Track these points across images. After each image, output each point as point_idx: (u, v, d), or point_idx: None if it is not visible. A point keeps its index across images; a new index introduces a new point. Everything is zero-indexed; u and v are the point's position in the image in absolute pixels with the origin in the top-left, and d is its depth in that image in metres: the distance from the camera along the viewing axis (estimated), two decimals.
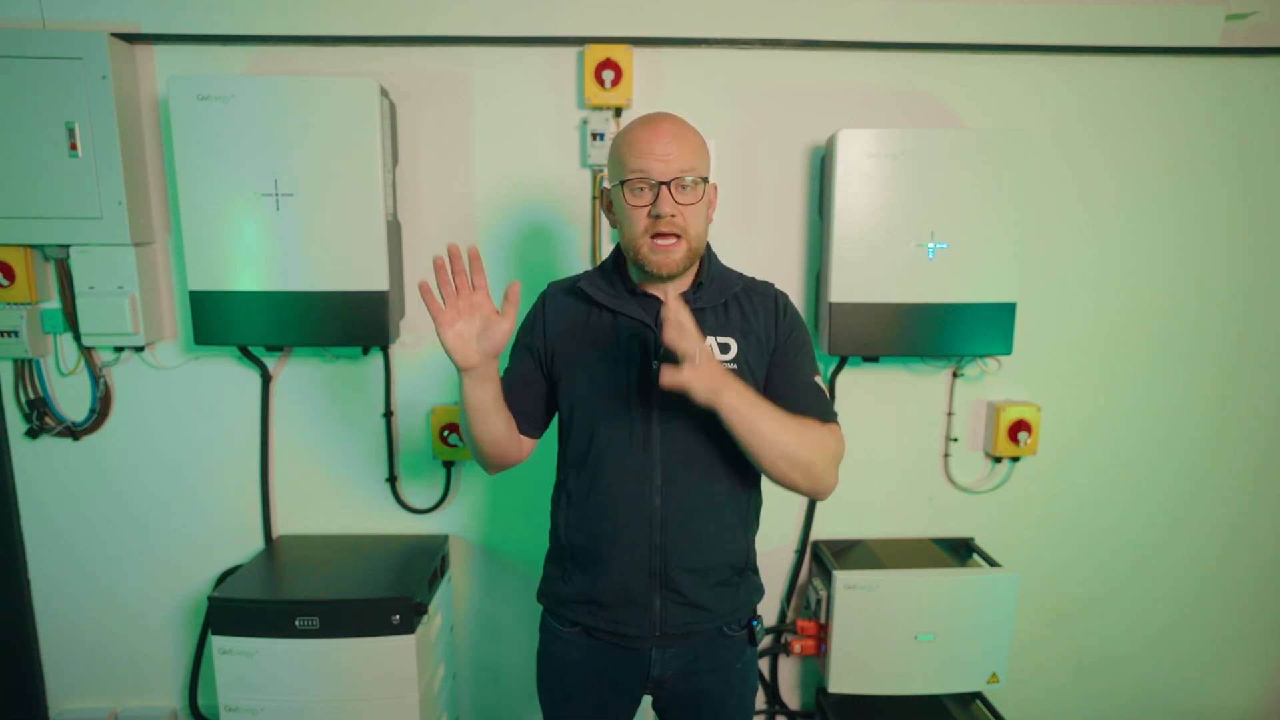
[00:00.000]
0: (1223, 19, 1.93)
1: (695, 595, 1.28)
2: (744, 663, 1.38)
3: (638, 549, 1.26)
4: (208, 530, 2.13)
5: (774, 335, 1.30)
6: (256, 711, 1.78)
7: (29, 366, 2.02)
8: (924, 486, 2.20)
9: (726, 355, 1.26)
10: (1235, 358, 2.18)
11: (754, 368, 1.27)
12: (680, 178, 1.18)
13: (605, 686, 1.36)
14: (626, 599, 1.28)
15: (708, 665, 1.34)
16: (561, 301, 1.34)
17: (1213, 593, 2.31)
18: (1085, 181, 2.06)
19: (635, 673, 1.33)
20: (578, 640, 1.35)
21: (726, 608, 1.32)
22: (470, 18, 1.88)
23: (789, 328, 1.31)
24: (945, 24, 1.92)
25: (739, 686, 1.39)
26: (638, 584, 1.27)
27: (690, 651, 1.33)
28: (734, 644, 1.36)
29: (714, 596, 1.30)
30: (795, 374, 1.29)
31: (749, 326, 1.28)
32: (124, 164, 1.84)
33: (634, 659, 1.32)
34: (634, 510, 1.26)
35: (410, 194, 2.00)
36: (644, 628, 1.28)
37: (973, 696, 2.14)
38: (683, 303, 1.12)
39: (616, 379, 1.26)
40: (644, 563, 1.27)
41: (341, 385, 2.08)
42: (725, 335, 1.27)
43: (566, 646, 1.36)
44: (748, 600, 1.36)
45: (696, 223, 1.22)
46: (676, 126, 1.21)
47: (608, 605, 1.30)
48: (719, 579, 1.31)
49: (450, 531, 2.18)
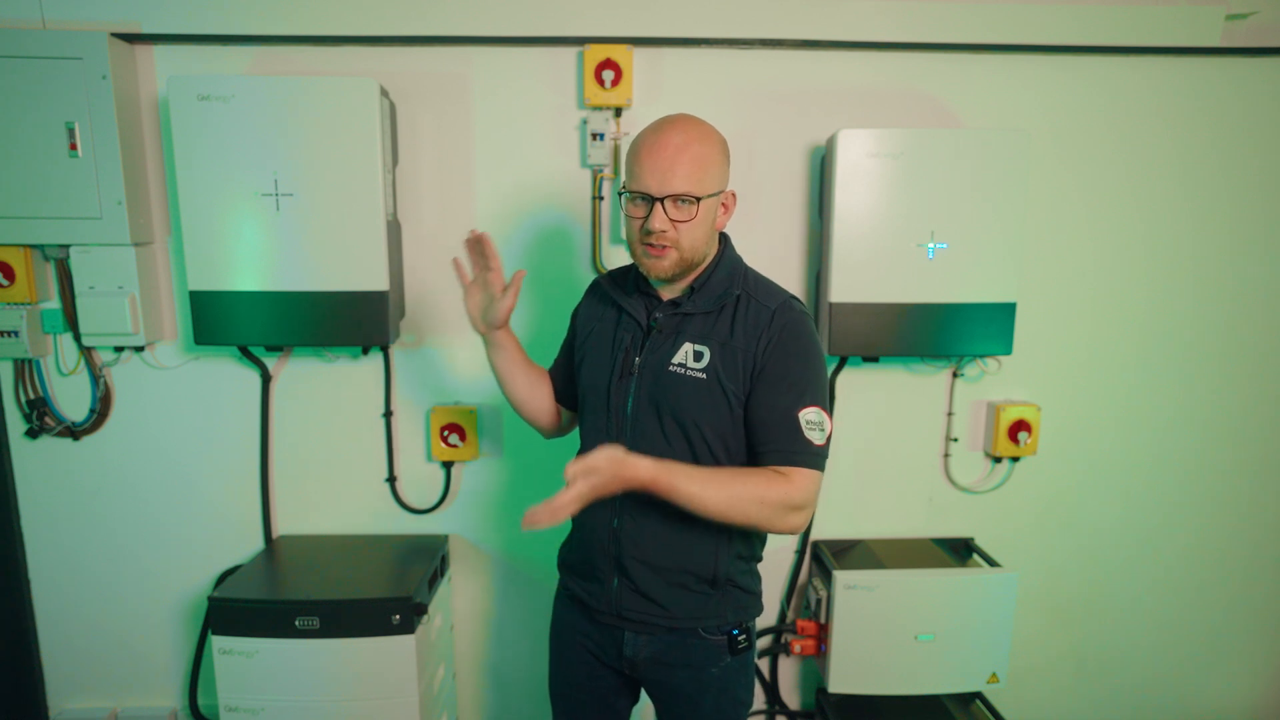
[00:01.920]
0: (1223, 19, 1.93)
1: (647, 587, 1.30)
2: (721, 669, 1.35)
3: (600, 528, 1.32)
4: (208, 530, 2.13)
5: (753, 352, 1.25)
6: (256, 711, 1.78)
7: (29, 366, 2.01)
8: (924, 486, 2.20)
9: (698, 363, 1.26)
10: (1235, 357, 2.18)
11: (722, 378, 1.25)
12: (675, 196, 1.19)
13: (589, 653, 1.41)
14: (591, 572, 1.36)
15: (680, 660, 1.34)
16: (595, 291, 1.47)
17: (1212, 592, 2.31)
18: (1085, 181, 2.06)
19: (611, 647, 1.38)
20: (570, 604, 1.44)
21: (688, 613, 1.31)
22: (470, 18, 1.89)
23: (774, 349, 1.24)
24: (945, 24, 1.92)
25: (715, 693, 1.36)
26: (599, 561, 1.34)
27: (659, 641, 1.34)
28: (709, 646, 1.34)
29: (672, 596, 1.30)
30: (768, 403, 1.24)
31: (729, 339, 1.26)
32: (124, 164, 1.84)
33: (608, 632, 1.37)
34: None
35: (410, 194, 2.00)
36: (604, 603, 1.35)
37: (973, 696, 2.14)
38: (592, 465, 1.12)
39: (605, 368, 1.33)
40: (604, 542, 1.33)
41: (341, 385, 2.08)
42: (703, 343, 1.27)
43: (564, 608, 1.46)
44: (719, 613, 1.33)
45: (692, 237, 1.23)
46: (684, 141, 1.20)
47: (581, 575, 1.39)
48: (679, 582, 1.30)
49: (450, 531, 2.18)
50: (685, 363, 1.26)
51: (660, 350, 1.28)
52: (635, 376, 1.29)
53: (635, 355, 1.30)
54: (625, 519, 1.29)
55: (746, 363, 1.25)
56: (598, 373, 1.34)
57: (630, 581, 1.31)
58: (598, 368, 1.35)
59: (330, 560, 2.00)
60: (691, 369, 1.26)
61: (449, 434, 2.06)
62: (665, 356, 1.27)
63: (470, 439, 2.07)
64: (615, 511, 1.29)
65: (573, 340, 1.48)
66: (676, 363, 1.27)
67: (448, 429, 2.06)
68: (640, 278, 1.34)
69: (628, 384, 1.30)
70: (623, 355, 1.31)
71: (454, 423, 2.06)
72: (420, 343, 2.08)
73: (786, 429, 1.22)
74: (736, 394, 1.26)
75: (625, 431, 1.29)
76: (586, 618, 1.39)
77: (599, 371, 1.34)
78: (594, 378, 1.35)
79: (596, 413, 1.34)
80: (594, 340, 1.38)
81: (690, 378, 1.26)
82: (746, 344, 1.25)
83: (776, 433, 1.23)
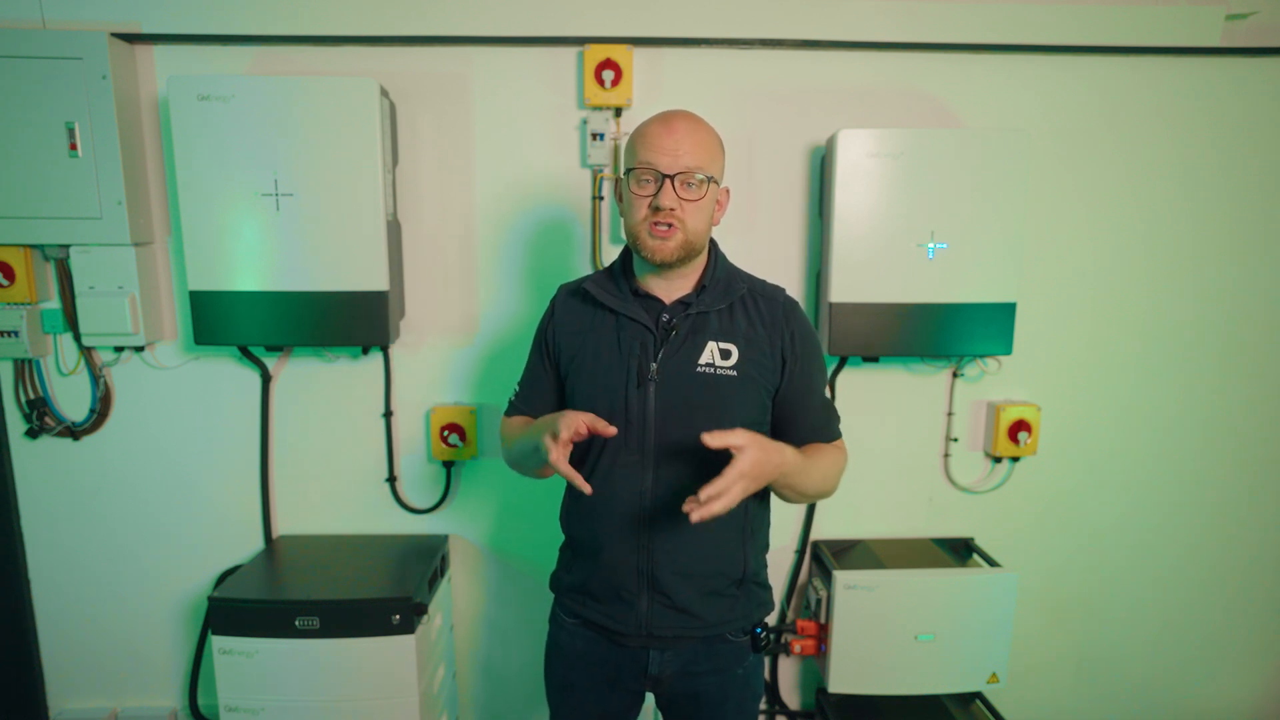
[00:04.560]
0: (1223, 19, 1.93)
1: (683, 600, 1.28)
2: (746, 668, 1.37)
3: (626, 546, 1.28)
4: (208, 530, 2.13)
5: (780, 345, 1.29)
6: (256, 711, 1.78)
7: (29, 366, 2.01)
8: (924, 486, 2.20)
9: (727, 361, 1.26)
10: (1235, 357, 2.18)
11: (753, 375, 1.27)
12: (685, 173, 1.19)
13: (604, 680, 1.37)
14: (616, 595, 1.30)
15: (708, 667, 1.34)
16: (569, 302, 1.37)
17: (1213, 592, 2.31)
18: (1085, 181, 2.06)
19: (633, 668, 1.34)
20: (579, 631, 1.38)
21: (719, 617, 1.31)
22: (470, 18, 1.89)
23: (800, 339, 1.30)
24: (945, 24, 1.92)
25: (739, 691, 1.38)
26: (626, 581, 1.29)
27: (688, 652, 1.33)
28: (736, 649, 1.35)
29: (705, 604, 1.29)
30: (809, 392, 1.32)
31: (753, 333, 1.27)
32: (124, 164, 1.84)
33: (630, 655, 1.33)
34: (624, 507, 1.27)
35: (410, 194, 2.00)
36: (631, 625, 1.30)
37: (973, 696, 2.14)
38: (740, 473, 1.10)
39: (616, 378, 1.27)
40: (631, 561, 1.28)
41: (341, 385, 2.08)
42: (727, 341, 1.26)
43: (570, 637, 1.39)
44: (746, 613, 1.35)
45: (697, 220, 1.22)
46: (691, 124, 1.22)
47: (600, 599, 1.33)
48: (712, 588, 1.30)
49: (450, 531, 2.18)
50: (713, 362, 1.25)
51: (680, 352, 1.25)
52: (655, 382, 1.25)
53: (650, 361, 1.25)
54: (657, 533, 1.27)
55: (774, 355, 1.29)
56: (606, 384, 1.27)
57: (664, 597, 1.28)
58: (605, 378, 1.27)
59: (330, 560, 2.00)
60: (721, 368, 1.25)
61: (449, 434, 2.06)
62: (689, 358, 1.25)
63: (470, 439, 2.07)
64: (644, 526, 1.27)
65: (554, 359, 1.37)
66: (704, 363, 1.25)
67: (448, 429, 2.06)
68: (633, 279, 1.30)
69: (647, 392, 1.25)
70: (635, 363, 1.26)
71: (454, 423, 2.05)
72: (420, 343, 2.08)
73: (824, 412, 1.35)
74: (767, 388, 1.29)
75: (649, 439, 1.25)
76: (605, 644, 1.34)
77: (608, 382, 1.27)
78: (602, 390, 1.27)
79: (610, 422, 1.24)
80: (589, 351, 1.30)
81: (722, 376, 1.25)
82: (771, 337, 1.29)
83: (818, 417, 1.34)
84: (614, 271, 1.34)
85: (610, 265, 1.37)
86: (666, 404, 1.25)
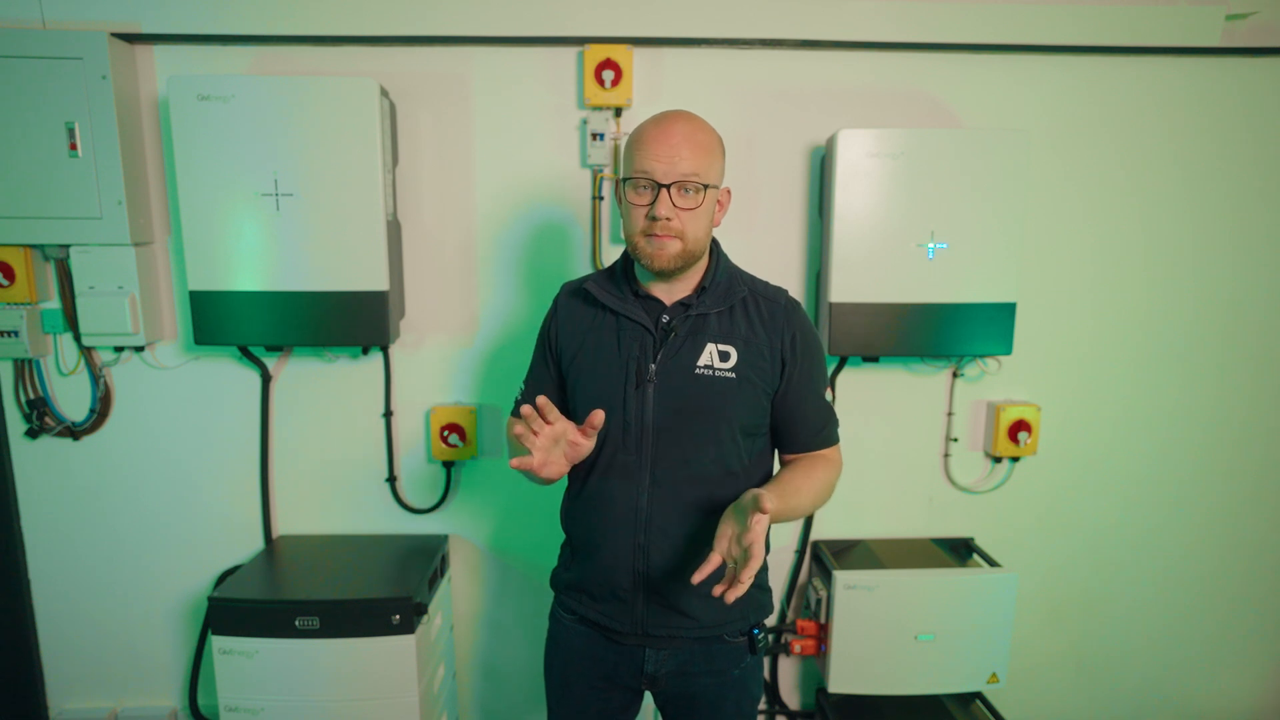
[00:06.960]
0: (1223, 19, 1.93)
1: (679, 601, 1.28)
2: (743, 669, 1.37)
3: (622, 546, 1.28)
4: (208, 530, 2.13)
5: (779, 347, 1.28)
6: (256, 711, 1.78)
7: (29, 366, 2.01)
8: (924, 486, 2.20)
9: (726, 363, 1.25)
10: (1235, 358, 2.18)
11: (751, 377, 1.26)
12: (681, 181, 1.18)
13: (602, 677, 1.37)
14: (612, 593, 1.31)
15: (704, 668, 1.34)
16: (571, 302, 1.37)
17: (1213, 593, 2.31)
18: (1085, 181, 2.06)
19: (630, 667, 1.34)
20: (577, 629, 1.38)
21: (715, 618, 1.31)
22: (470, 18, 1.88)
23: (800, 341, 1.29)
24: (945, 24, 1.92)
25: (737, 692, 1.37)
26: (622, 580, 1.29)
27: (685, 653, 1.33)
28: (732, 650, 1.35)
29: (701, 606, 1.29)
30: (808, 395, 1.31)
31: (753, 336, 1.27)
32: (124, 164, 1.84)
33: (627, 653, 1.33)
34: (621, 507, 1.27)
35: (410, 194, 2.00)
36: (627, 624, 1.31)
37: (973, 696, 2.14)
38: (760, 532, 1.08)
39: (616, 378, 1.27)
40: (627, 561, 1.28)
41: (341, 385, 2.08)
42: (727, 343, 1.26)
43: (569, 634, 1.40)
44: (743, 615, 1.34)
45: (695, 226, 1.21)
46: (689, 129, 1.20)
47: (597, 597, 1.33)
48: (708, 589, 1.29)
49: (450, 531, 2.18)
50: (712, 364, 1.25)
51: (679, 354, 1.25)
52: (653, 384, 1.24)
53: (649, 362, 1.25)
54: (653, 534, 1.27)
55: (774, 358, 1.28)
56: (605, 385, 1.27)
57: (660, 597, 1.28)
58: (604, 379, 1.28)
59: (330, 560, 2.00)
60: (720, 370, 1.25)
61: (449, 434, 2.06)
62: (688, 360, 1.25)
63: (470, 439, 2.07)
64: (640, 528, 1.27)
65: (556, 358, 1.37)
66: (703, 365, 1.24)
67: (448, 429, 2.06)
68: (634, 280, 1.30)
69: (645, 392, 1.25)
70: (634, 364, 1.26)
71: (454, 423, 2.05)
72: (420, 343, 2.08)
73: (823, 416, 1.34)
74: (766, 390, 1.28)
75: (647, 441, 1.25)
76: (602, 641, 1.35)
77: (606, 383, 1.27)
78: (600, 390, 1.28)
79: (610, 422, 1.26)
80: (589, 351, 1.31)
81: (720, 378, 1.24)
82: (771, 340, 1.27)
83: (817, 420, 1.33)
84: (615, 272, 1.34)
85: (612, 265, 1.37)
86: (665, 405, 1.24)
